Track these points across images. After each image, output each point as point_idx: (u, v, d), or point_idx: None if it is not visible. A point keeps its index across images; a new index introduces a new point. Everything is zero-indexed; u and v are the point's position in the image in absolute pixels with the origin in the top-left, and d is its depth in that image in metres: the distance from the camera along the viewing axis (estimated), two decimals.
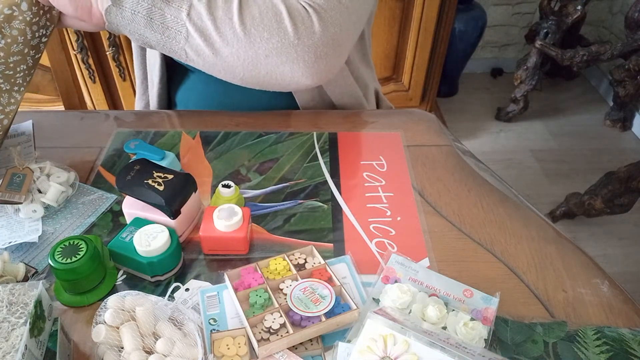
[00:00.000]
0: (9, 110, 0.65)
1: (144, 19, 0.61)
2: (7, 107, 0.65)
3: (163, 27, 0.61)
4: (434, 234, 0.62)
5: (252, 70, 0.64)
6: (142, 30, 0.62)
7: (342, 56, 0.68)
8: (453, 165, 0.72)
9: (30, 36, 0.63)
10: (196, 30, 0.61)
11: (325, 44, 0.63)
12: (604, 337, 0.50)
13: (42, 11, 0.63)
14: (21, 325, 0.42)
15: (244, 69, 0.64)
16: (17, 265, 0.54)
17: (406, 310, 0.51)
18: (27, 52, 0.64)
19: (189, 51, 0.63)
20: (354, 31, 0.68)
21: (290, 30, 0.61)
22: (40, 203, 0.62)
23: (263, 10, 0.61)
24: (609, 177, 1.61)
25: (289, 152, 0.74)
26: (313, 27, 0.62)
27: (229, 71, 0.65)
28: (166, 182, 0.57)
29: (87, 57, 1.59)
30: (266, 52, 0.62)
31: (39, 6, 0.62)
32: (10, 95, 0.64)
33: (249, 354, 0.47)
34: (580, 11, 1.94)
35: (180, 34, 0.61)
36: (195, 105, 0.88)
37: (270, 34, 0.61)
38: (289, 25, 0.61)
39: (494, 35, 2.48)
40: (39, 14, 0.62)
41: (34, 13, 0.62)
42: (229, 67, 0.64)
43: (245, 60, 0.63)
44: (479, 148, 2.13)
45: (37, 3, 0.62)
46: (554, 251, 0.60)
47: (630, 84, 1.93)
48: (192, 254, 0.59)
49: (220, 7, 0.61)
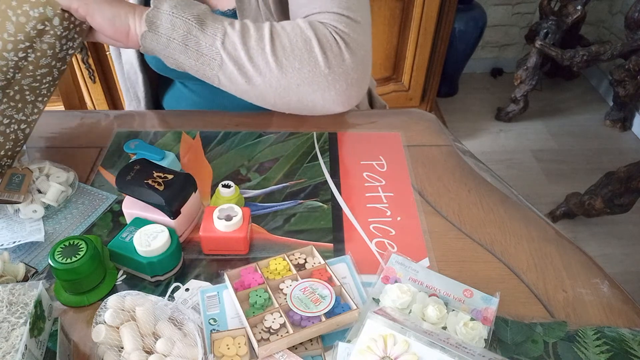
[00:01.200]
0: (32, 119, 0.66)
1: (180, 45, 0.62)
2: (30, 117, 0.65)
3: (198, 54, 0.63)
4: (434, 234, 0.62)
5: (284, 98, 0.66)
6: (177, 55, 0.63)
7: (368, 77, 0.70)
8: (453, 165, 0.72)
9: (58, 49, 0.63)
10: (230, 59, 0.62)
11: (355, 70, 0.65)
12: (604, 337, 0.50)
13: (72, 25, 0.63)
14: (21, 325, 0.42)
15: (276, 96, 0.66)
16: (17, 265, 0.54)
17: (406, 310, 0.51)
18: (54, 64, 0.64)
19: (222, 78, 0.65)
20: (371, 49, 0.70)
21: (320, 60, 0.63)
22: (41, 203, 0.62)
23: (293, 40, 0.63)
24: (609, 177, 1.60)
25: (289, 152, 0.74)
26: (343, 55, 0.64)
27: (260, 98, 0.67)
28: (166, 182, 0.57)
29: (87, 57, 1.59)
30: (298, 82, 0.64)
31: (70, 20, 0.62)
32: (34, 105, 0.65)
33: (249, 354, 0.47)
34: (580, 11, 1.94)
35: (214, 61, 0.63)
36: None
37: (301, 64, 0.63)
38: (319, 55, 0.63)
39: (494, 35, 2.48)
40: (69, 28, 0.62)
41: (64, 27, 0.62)
42: (260, 95, 0.66)
43: (277, 88, 0.65)
44: (479, 148, 2.13)
45: (68, 17, 0.61)
46: (554, 251, 0.60)
47: (630, 84, 1.93)
48: (192, 254, 0.59)
49: (253, 36, 0.63)
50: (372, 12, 1.92)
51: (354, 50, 0.65)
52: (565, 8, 1.97)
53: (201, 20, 0.62)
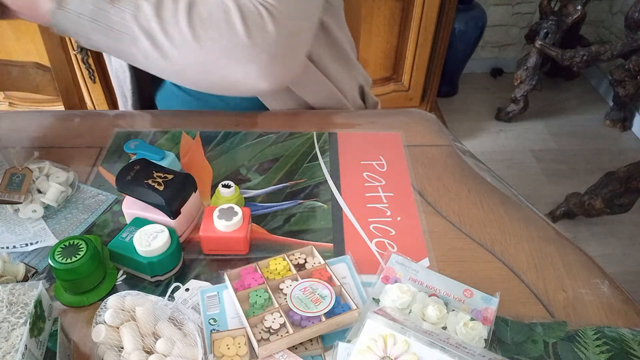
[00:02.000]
0: None
1: (89, 21, 0.58)
2: None
3: (108, 29, 0.58)
4: (434, 234, 0.62)
5: (204, 74, 0.61)
6: (88, 32, 0.59)
7: (298, 56, 0.64)
8: (453, 165, 0.72)
9: None
10: (143, 32, 0.58)
11: (279, 43, 0.59)
12: (604, 337, 0.50)
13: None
14: (21, 325, 0.42)
15: (195, 72, 0.61)
16: (17, 265, 0.54)
17: (406, 310, 0.51)
18: None
19: (137, 54, 0.60)
20: (309, 27, 0.65)
21: (240, 30, 0.57)
22: (40, 203, 0.62)
23: (213, 10, 0.58)
24: (609, 177, 1.60)
25: (289, 152, 0.74)
26: (266, 26, 0.58)
27: (179, 75, 0.63)
28: (166, 182, 0.57)
29: (87, 57, 1.59)
30: (216, 54, 0.59)
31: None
32: None
33: (249, 354, 0.47)
34: (580, 11, 1.94)
35: (126, 36, 0.58)
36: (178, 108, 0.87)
37: (219, 35, 0.58)
38: (239, 25, 0.57)
39: (494, 35, 2.47)
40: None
41: None
42: (180, 71, 0.61)
43: (196, 64, 0.60)
44: (479, 148, 2.13)
45: None
46: (554, 251, 0.60)
47: (630, 84, 1.93)
48: (192, 254, 0.59)
49: (169, 7, 0.58)
50: (372, 12, 1.91)
51: (279, 21, 0.59)
52: (565, 8, 1.97)
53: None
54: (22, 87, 1.05)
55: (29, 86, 1.05)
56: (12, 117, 0.83)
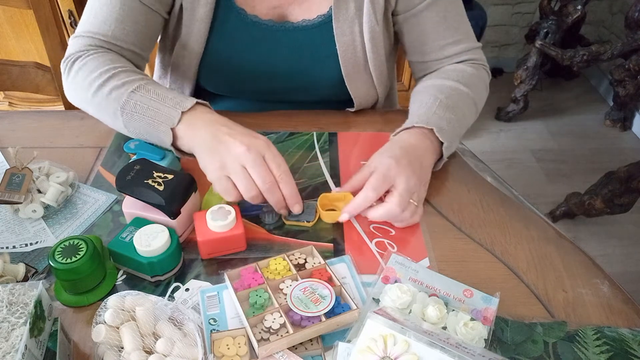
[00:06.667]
0: None
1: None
2: None
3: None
4: (434, 234, 0.62)
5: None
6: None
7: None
8: (453, 165, 0.72)
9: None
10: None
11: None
12: (604, 337, 0.50)
13: None
14: (21, 325, 0.42)
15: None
16: (17, 265, 0.54)
17: (406, 310, 0.51)
18: None
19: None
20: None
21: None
22: (40, 203, 0.62)
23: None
24: (609, 177, 1.60)
25: (289, 152, 0.74)
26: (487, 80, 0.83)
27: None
28: (166, 182, 0.57)
29: None
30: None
31: None
32: None
33: (249, 354, 0.47)
34: (580, 11, 1.94)
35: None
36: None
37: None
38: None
39: (494, 35, 2.47)
40: None
41: None
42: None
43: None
44: (479, 148, 2.13)
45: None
46: (554, 251, 0.60)
47: (630, 83, 1.93)
48: (192, 254, 0.59)
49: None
50: None
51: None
52: (565, 8, 1.97)
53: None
54: (22, 87, 1.05)
55: (29, 86, 1.05)
56: (12, 117, 0.83)
